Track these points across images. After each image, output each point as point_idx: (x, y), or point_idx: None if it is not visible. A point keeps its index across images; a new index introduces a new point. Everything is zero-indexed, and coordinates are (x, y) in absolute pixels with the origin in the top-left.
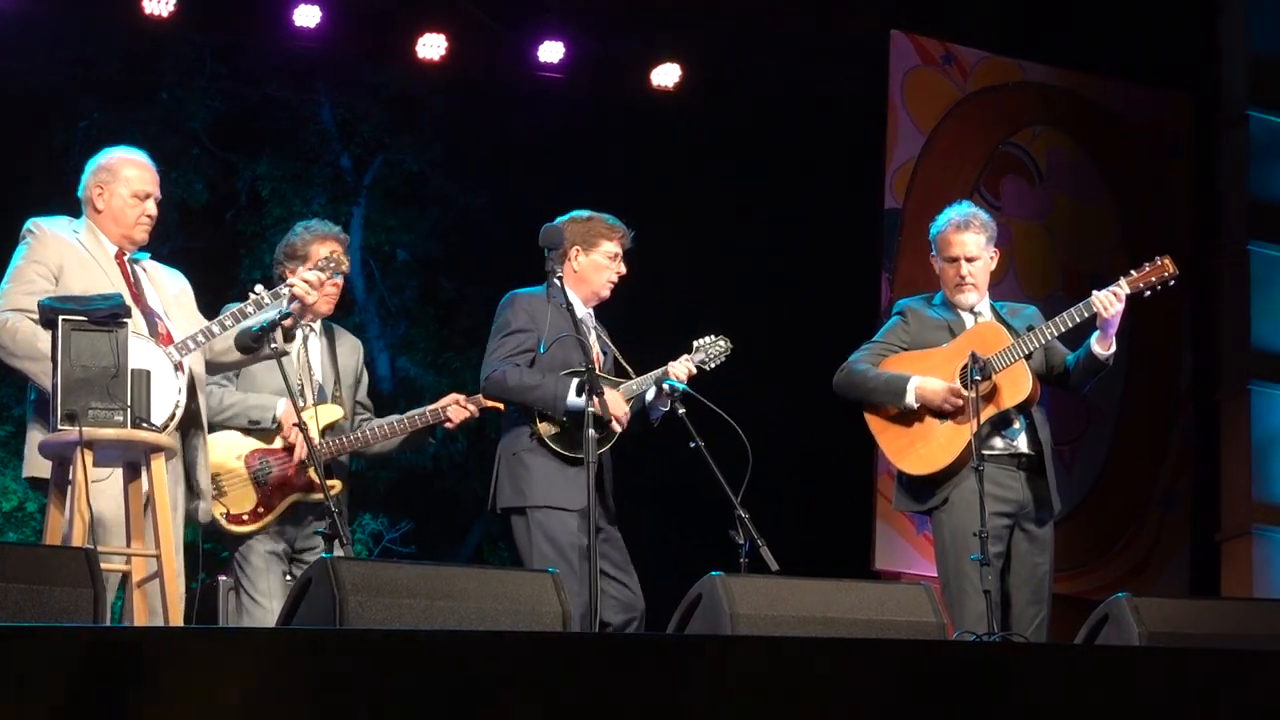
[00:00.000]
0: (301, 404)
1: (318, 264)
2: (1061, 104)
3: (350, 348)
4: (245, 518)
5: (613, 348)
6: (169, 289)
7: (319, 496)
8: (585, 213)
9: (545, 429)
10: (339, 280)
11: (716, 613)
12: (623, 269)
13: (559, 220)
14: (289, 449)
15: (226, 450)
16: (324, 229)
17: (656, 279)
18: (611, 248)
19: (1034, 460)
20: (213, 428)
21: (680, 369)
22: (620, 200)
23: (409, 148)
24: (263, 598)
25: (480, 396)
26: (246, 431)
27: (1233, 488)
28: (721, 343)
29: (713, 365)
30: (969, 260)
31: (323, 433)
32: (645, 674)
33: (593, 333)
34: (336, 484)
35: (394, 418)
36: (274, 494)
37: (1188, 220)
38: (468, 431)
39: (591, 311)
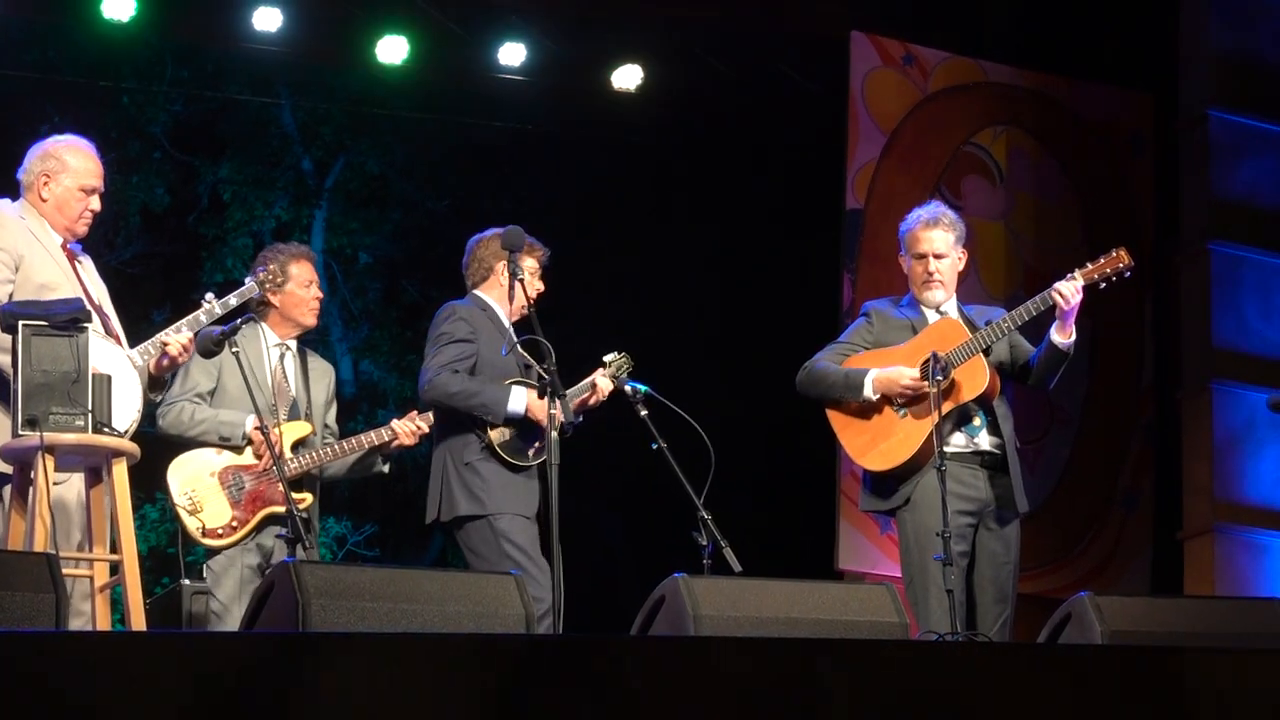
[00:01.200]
0: (272, 420)
1: (261, 284)
2: (1023, 104)
3: (322, 371)
4: (221, 532)
5: (534, 362)
6: (100, 287)
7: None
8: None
9: (496, 436)
10: (320, 294)
11: (680, 614)
12: (541, 285)
13: (482, 236)
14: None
15: (201, 466)
16: (296, 248)
17: (617, 279)
18: (533, 264)
19: (997, 458)
20: (185, 444)
21: (606, 384)
22: (582, 201)
23: (370, 150)
24: (231, 616)
25: (431, 414)
26: (220, 448)
27: (1194, 486)
28: (626, 360)
29: (621, 379)
30: (937, 257)
31: (292, 448)
32: (609, 675)
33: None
34: (307, 497)
35: (349, 439)
36: (248, 508)
37: (1149, 219)
38: (431, 436)
39: (512, 326)
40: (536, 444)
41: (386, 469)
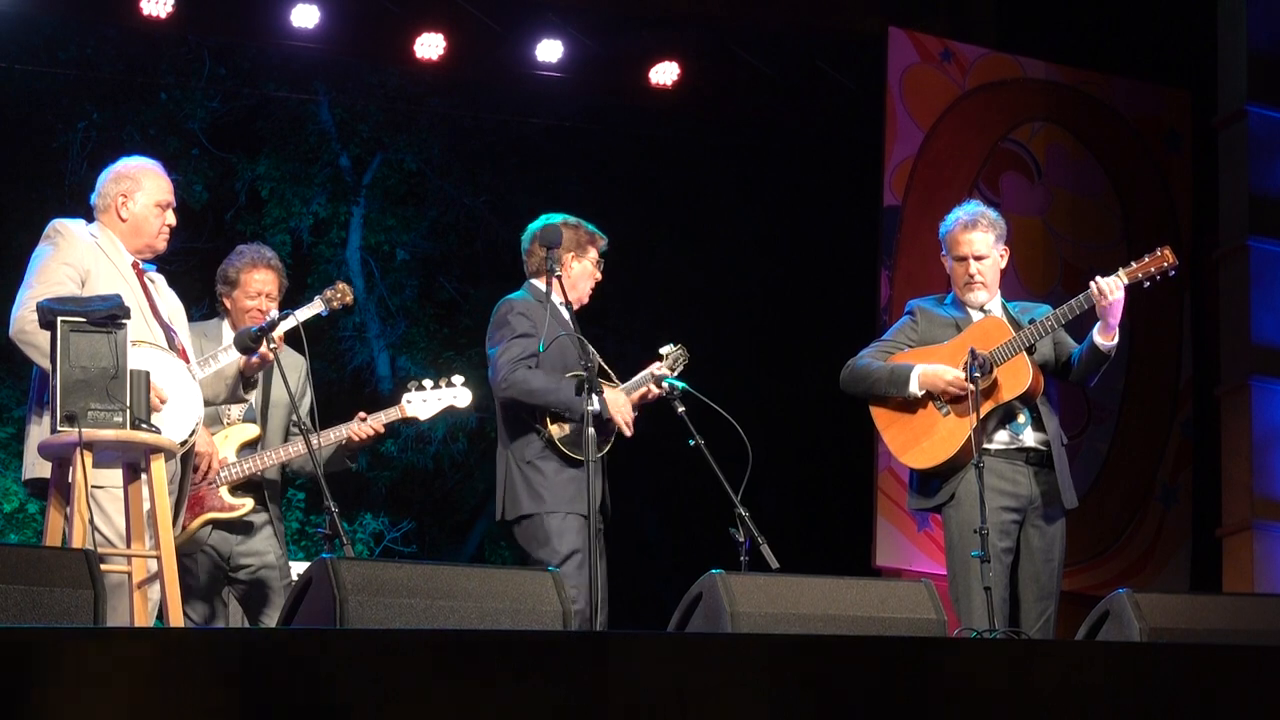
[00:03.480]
0: (219, 427)
1: (328, 303)
2: (1061, 100)
3: (290, 366)
4: None
5: (594, 352)
6: (172, 304)
7: (233, 515)
8: (572, 219)
9: (556, 431)
10: (266, 307)
11: (717, 611)
12: (599, 275)
13: (540, 224)
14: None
15: None
16: (257, 254)
17: (656, 276)
18: (595, 254)
19: (1042, 455)
20: None
21: (665, 372)
22: (618, 198)
23: (408, 147)
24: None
25: (384, 414)
26: None
27: (1233, 483)
28: (682, 352)
29: (678, 372)
30: (978, 259)
31: (239, 451)
32: (646, 672)
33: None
34: (248, 502)
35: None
36: (188, 512)
37: (1187, 215)
38: (469, 432)
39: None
40: (599, 437)
41: (354, 467)
